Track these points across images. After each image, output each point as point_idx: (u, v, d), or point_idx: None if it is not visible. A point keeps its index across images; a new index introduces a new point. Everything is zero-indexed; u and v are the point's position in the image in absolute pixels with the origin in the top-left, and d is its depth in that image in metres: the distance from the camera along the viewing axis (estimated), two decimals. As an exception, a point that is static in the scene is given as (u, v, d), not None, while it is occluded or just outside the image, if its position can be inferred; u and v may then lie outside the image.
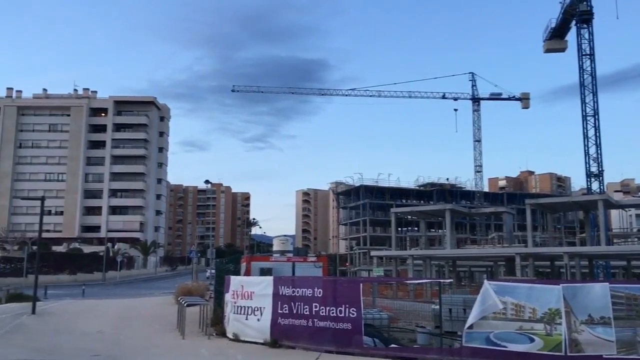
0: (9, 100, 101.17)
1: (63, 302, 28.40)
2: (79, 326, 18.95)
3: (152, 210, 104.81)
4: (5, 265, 57.20)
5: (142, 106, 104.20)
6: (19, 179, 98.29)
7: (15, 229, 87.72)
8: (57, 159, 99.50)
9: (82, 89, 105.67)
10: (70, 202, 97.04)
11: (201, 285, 26.54)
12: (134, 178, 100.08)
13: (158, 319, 20.61)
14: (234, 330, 15.22)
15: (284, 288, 14.19)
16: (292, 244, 21.32)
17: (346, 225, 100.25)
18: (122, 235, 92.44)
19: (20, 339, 15.94)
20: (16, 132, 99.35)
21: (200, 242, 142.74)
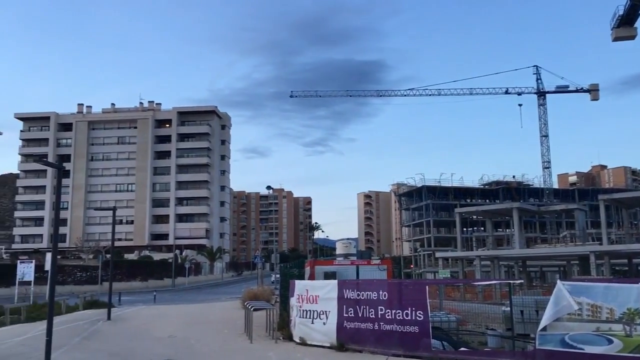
0: (80, 116, 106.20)
1: (136, 308, 29.40)
2: (151, 331, 19.53)
3: (217, 217, 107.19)
4: (82, 273, 60.03)
5: (203, 116, 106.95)
6: (92, 190, 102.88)
7: (89, 238, 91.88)
8: (126, 170, 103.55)
9: (148, 102, 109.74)
10: (139, 211, 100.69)
11: (267, 289, 26.85)
12: (199, 186, 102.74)
13: (226, 323, 20.96)
14: (301, 334, 15.25)
15: (349, 291, 14.09)
16: (355, 247, 21.18)
17: (409, 227, 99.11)
18: (189, 242, 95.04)
19: (98, 344, 16.59)
20: (88, 146, 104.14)
21: (264, 247, 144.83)
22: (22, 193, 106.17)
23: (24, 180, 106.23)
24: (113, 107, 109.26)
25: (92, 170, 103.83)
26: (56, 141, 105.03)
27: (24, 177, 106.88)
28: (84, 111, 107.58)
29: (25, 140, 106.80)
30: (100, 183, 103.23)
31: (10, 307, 24.06)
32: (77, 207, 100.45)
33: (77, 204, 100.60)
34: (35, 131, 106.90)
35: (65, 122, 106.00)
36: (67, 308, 26.68)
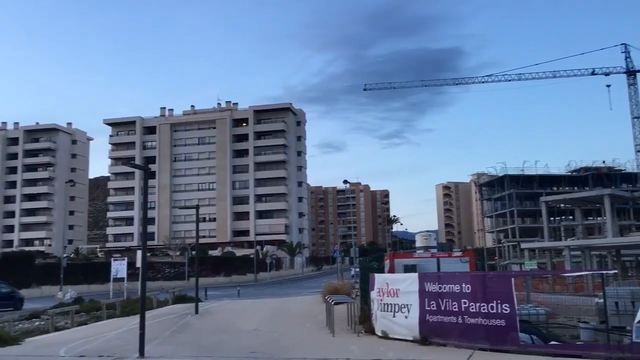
0: (163, 119, 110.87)
1: (222, 303, 30.32)
2: (236, 325, 20.06)
3: (295, 212, 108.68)
4: (170, 269, 62.77)
5: (279, 113, 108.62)
6: (176, 190, 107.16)
7: (176, 236, 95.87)
8: (207, 169, 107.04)
9: (225, 102, 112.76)
10: (221, 209, 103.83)
11: (347, 283, 26.90)
12: (277, 183, 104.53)
13: (308, 317, 21.18)
14: (382, 327, 15.15)
15: (430, 284, 13.83)
16: (436, 240, 20.80)
17: (491, 218, 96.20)
18: (269, 238, 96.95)
19: (187, 337, 17.25)
20: (171, 147, 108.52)
21: (343, 241, 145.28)
22: (113, 195, 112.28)
23: (115, 183, 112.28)
24: (193, 109, 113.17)
25: (176, 171, 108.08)
26: (142, 144, 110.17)
27: (114, 179, 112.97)
28: (167, 114, 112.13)
29: (114, 144, 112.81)
30: (184, 183, 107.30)
31: (106, 303, 25.48)
32: (163, 207, 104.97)
33: (163, 204, 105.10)
34: (123, 135, 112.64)
35: (150, 125, 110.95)
36: (157, 303, 27.90)
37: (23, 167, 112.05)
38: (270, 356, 13.34)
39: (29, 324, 23.32)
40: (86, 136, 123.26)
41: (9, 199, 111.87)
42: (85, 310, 26.07)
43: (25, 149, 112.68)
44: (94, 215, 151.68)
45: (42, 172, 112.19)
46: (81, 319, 23.27)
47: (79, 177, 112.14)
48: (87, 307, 26.89)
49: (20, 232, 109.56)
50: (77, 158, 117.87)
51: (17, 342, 16.41)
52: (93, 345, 15.56)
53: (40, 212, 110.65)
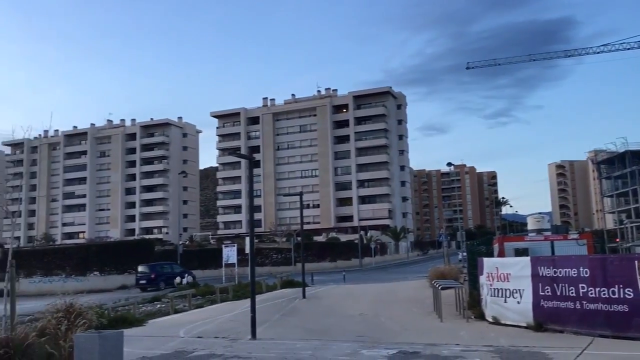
0: (265, 109, 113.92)
1: (328, 287, 30.78)
2: (343, 309, 20.27)
3: (398, 197, 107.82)
4: (277, 255, 64.63)
5: (378, 97, 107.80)
6: (280, 178, 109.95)
7: (281, 222, 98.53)
8: (309, 156, 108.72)
9: (324, 89, 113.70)
10: (324, 195, 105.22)
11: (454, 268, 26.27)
12: (378, 167, 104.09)
13: (414, 302, 20.96)
14: (493, 313, 14.67)
15: (544, 269, 13.17)
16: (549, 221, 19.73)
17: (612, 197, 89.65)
18: (372, 223, 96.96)
19: (296, 320, 17.69)
20: (273, 137, 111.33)
21: (449, 225, 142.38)
22: (222, 184, 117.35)
23: (223, 172, 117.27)
24: (294, 98, 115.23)
25: (279, 159, 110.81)
26: (246, 134, 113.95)
27: (222, 169, 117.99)
28: (269, 104, 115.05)
29: (221, 135, 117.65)
30: (287, 170, 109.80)
31: (219, 287, 26.75)
32: (268, 194, 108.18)
33: (268, 191, 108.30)
34: (228, 127, 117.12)
35: (253, 115, 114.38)
36: (266, 287, 28.87)
37: (141, 160, 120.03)
38: (378, 340, 13.33)
39: (152, 307, 25.03)
40: (195, 129, 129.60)
41: (130, 190, 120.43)
42: (201, 294, 27.54)
43: (142, 144, 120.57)
44: (205, 204, 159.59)
45: (157, 165, 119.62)
46: (197, 302, 24.61)
47: (190, 168, 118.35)
48: (202, 291, 28.40)
49: (140, 221, 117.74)
50: (188, 150, 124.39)
51: (141, 323, 17.66)
52: (209, 327, 16.39)
53: (157, 202, 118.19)
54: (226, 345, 13.15)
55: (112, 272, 44.61)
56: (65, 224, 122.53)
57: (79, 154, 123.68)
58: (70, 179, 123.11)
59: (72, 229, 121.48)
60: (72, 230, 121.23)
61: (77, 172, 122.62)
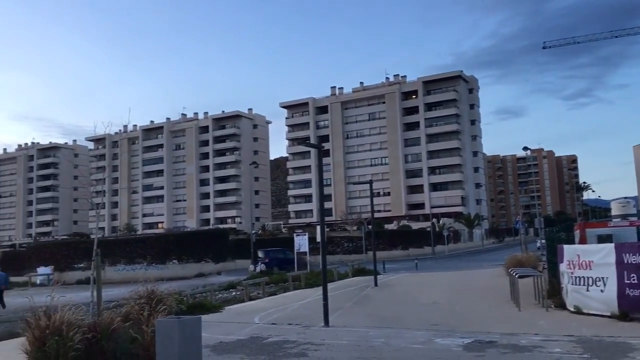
0: (333, 98, 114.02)
1: (400, 275, 30.59)
2: (416, 297, 20.08)
3: (472, 183, 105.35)
4: (348, 243, 64.79)
5: (449, 82, 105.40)
6: (350, 166, 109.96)
7: (352, 211, 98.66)
8: (379, 144, 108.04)
9: (393, 76, 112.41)
10: (394, 183, 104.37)
11: (531, 256, 25.43)
12: (450, 154, 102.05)
13: (490, 290, 20.47)
14: (574, 302, 14.08)
15: (630, 256, 12.49)
16: (635, 207, 18.65)
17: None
18: (444, 210, 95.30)
19: (368, 308, 17.68)
20: (342, 125, 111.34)
21: (526, 211, 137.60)
22: (292, 174, 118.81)
23: (293, 162, 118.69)
24: (362, 86, 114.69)
25: (348, 148, 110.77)
26: (315, 124, 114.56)
27: (292, 159, 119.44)
28: (337, 93, 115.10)
29: (290, 126, 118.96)
30: (357, 159, 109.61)
31: (292, 275, 27.13)
32: (338, 183, 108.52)
33: (338, 180, 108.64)
34: (297, 117, 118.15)
35: (321, 105, 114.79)
36: (338, 275, 29.03)
37: (213, 152, 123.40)
38: (453, 329, 13.10)
39: (227, 294, 25.75)
40: (265, 120, 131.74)
41: (204, 182, 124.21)
42: (274, 281, 28.05)
43: (214, 136, 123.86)
44: (276, 194, 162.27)
45: (229, 156, 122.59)
46: (271, 290, 25.09)
47: (261, 158, 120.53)
48: (275, 279, 28.93)
49: (214, 211, 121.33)
50: (258, 141, 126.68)
51: (218, 309, 18.19)
52: (282, 314, 16.67)
53: (230, 193, 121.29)
54: (299, 332, 13.32)
55: (189, 261, 46.23)
56: (145, 214, 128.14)
57: (156, 148, 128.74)
58: (149, 171, 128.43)
59: (151, 219, 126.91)
60: (152, 220, 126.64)
61: (154, 165, 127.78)
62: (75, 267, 45.63)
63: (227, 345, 11.71)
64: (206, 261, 46.98)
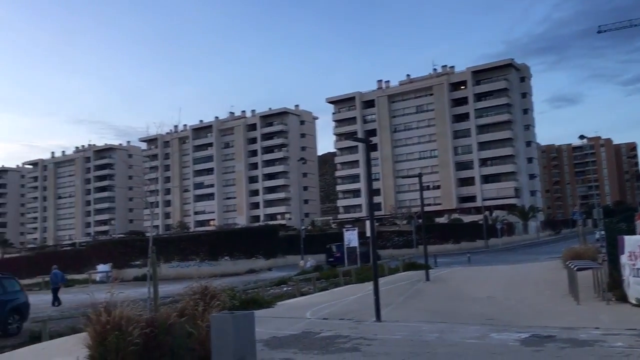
0: (380, 92, 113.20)
1: (451, 270, 30.14)
2: (469, 291, 19.72)
3: (525, 174, 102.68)
4: (398, 238, 64.42)
5: (499, 71, 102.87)
6: (398, 160, 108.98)
7: (401, 205, 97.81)
8: (427, 137, 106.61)
9: (441, 67, 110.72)
10: (444, 175, 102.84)
11: (590, 247, 24.54)
12: (502, 145, 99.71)
13: (547, 284, 19.90)
14: (637, 295, 13.53)
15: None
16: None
17: None
18: (497, 202, 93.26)
19: (420, 303, 17.49)
20: (390, 119, 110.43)
21: (583, 202, 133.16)
22: (340, 169, 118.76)
23: (340, 157, 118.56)
24: (409, 78, 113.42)
25: (396, 141, 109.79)
26: (362, 118, 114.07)
27: (339, 154, 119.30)
28: (383, 86, 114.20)
29: (337, 121, 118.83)
30: (405, 152, 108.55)
31: (342, 270, 27.13)
32: (387, 177, 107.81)
33: (386, 174, 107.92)
34: (344, 112, 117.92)
35: (368, 99, 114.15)
36: (389, 270, 28.82)
37: (261, 149, 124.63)
38: (508, 324, 12.81)
39: (279, 290, 26.00)
40: (312, 116, 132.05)
41: (253, 179, 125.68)
42: (324, 277, 28.14)
43: (262, 133, 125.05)
44: (324, 189, 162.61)
45: (277, 153, 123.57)
46: (321, 285, 25.17)
47: (308, 154, 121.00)
48: (325, 274, 29.03)
49: (264, 208, 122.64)
50: (305, 137, 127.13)
51: (270, 305, 18.38)
52: (334, 309, 16.68)
53: (279, 189, 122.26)
54: (351, 327, 13.29)
55: (241, 257, 46.97)
56: (197, 212, 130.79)
57: (205, 146, 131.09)
58: (199, 170, 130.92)
59: (203, 217, 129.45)
60: (203, 218, 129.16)
61: (205, 164, 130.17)
62: (132, 264, 47.03)
63: (280, 340, 11.80)
64: (257, 257, 47.64)
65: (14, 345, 13.83)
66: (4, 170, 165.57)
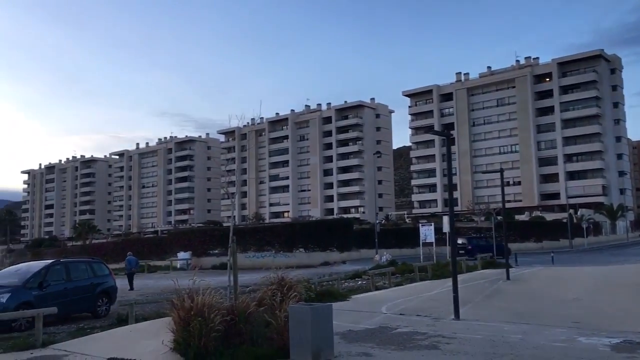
0: (458, 85, 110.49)
1: (534, 269, 28.95)
2: (552, 293, 18.87)
3: (614, 171, 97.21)
4: (476, 235, 62.58)
5: (587, 62, 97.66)
6: (476, 155, 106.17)
7: (479, 201, 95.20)
8: (508, 131, 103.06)
9: (524, 59, 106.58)
10: (526, 171, 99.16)
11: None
12: (589, 140, 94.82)
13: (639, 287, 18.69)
14: None
15: None
16: None
17: None
18: (583, 200, 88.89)
19: (500, 303, 16.90)
20: (468, 112, 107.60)
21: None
22: (416, 163, 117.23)
23: (416, 152, 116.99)
24: (489, 70, 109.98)
25: (475, 135, 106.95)
26: (439, 112, 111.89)
27: (415, 148, 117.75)
28: (462, 79, 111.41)
29: (413, 114, 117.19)
30: (484, 147, 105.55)
31: (418, 265, 26.69)
32: (464, 172, 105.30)
33: (464, 169, 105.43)
34: (421, 105, 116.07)
35: (446, 92, 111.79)
36: (466, 267, 28.10)
37: (336, 142, 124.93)
38: (597, 327, 12.12)
39: (353, 283, 25.95)
40: (388, 109, 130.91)
41: (327, 172, 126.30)
42: (399, 272, 27.80)
43: (337, 126, 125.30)
44: (399, 183, 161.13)
45: (352, 146, 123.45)
46: (396, 280, 24.88)
47: (383, 148, 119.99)
48: (400, 269, 28.67)
49: (338, 201, 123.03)
50: (381, 131, 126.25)
51: (345, 298, 18.34)
52: (410, 305, 16.41)
53: (353, 182, 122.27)
54: (429, 323, 13.02)
55: (315, 249, 47.29)
56: (272, 204, 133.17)
57: (281, 139, 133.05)
58: (275, 162, 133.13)
59: (277, 208, 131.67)
60: (278, 210, 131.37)
61: (280, 156, 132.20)
62: (210, 253, 48.40)
63: (357, 334, 11.72)
64: (331, 250, 47.78)
65: (103, 327, 14.55)
66: (94, 160, 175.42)
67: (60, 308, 13.68)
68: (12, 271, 17.64)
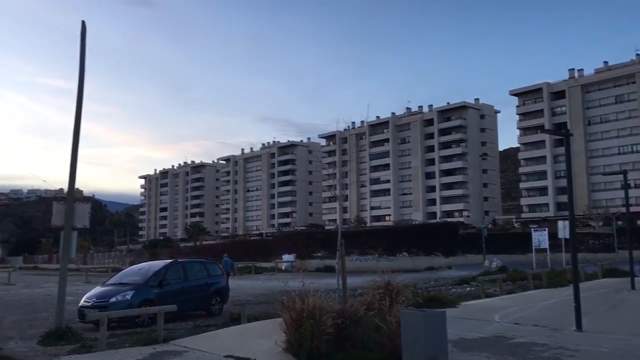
0: (572, 82, 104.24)
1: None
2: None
3: None
4: (594, 241, 58.70)
5: None
6: (592, 155, 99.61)
7: (596, 205, 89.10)
8: (629, 130, 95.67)
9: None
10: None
11: None
12: None
13: None
14: None
15: None
16: None
17: None
18: None
19: (626, 314, 15.72)
20: (583, 110, 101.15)
21: None
22: (524, 165, 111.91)
23: (525, 153, 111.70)
24: (606, 66, 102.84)
25: (591, 135, 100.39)
26: (550, 110, 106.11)
27: (524, 149, 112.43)
28: (576, 76, 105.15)
29: (521, 114, 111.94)
30: (601, 147, 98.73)
31: (531, 273, 25.37)
32: (578, 174, 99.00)
33: (578, 171, 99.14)
34: (529, 104, 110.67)
35: (557, 90, 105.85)
36: (585, 276, 26.35)
37: (439, 145, 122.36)
38: None
39: (461, 289, 25.16)
40: (493, 110, 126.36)
41: (429, 175, 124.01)
42: (510, 279, 26.57)
43: (439, 128, 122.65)
44: (505, 186, 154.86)
45: (455, 149, 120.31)
46: (508, 287, 23.78)
47: (489, 150, 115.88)
48: (512, 275, 27.39)
49: (441, 204, 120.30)
50: (486, 132, 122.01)
51: (454, 305, 17.77)
52: (525, 314, 15.60)
53: (457, 185, 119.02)
54: (548, 334, 12.26)
55: (419, 254, 46.53)
56: (373, 207, 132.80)
57: (382, 142, 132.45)
58: (375, 165, 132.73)
59: (379, 212, 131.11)
60: (379, 213, 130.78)
61: (381, 159, 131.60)
62: (313, 255, 49.09)
63: (470, 343, 11.28)
64: (436, 255, 46.82)
65: (217, 325, 15.10)
66: (202, 165, 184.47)
67: (178, 306, 14.36)
68: (134, 270, 18.78)
